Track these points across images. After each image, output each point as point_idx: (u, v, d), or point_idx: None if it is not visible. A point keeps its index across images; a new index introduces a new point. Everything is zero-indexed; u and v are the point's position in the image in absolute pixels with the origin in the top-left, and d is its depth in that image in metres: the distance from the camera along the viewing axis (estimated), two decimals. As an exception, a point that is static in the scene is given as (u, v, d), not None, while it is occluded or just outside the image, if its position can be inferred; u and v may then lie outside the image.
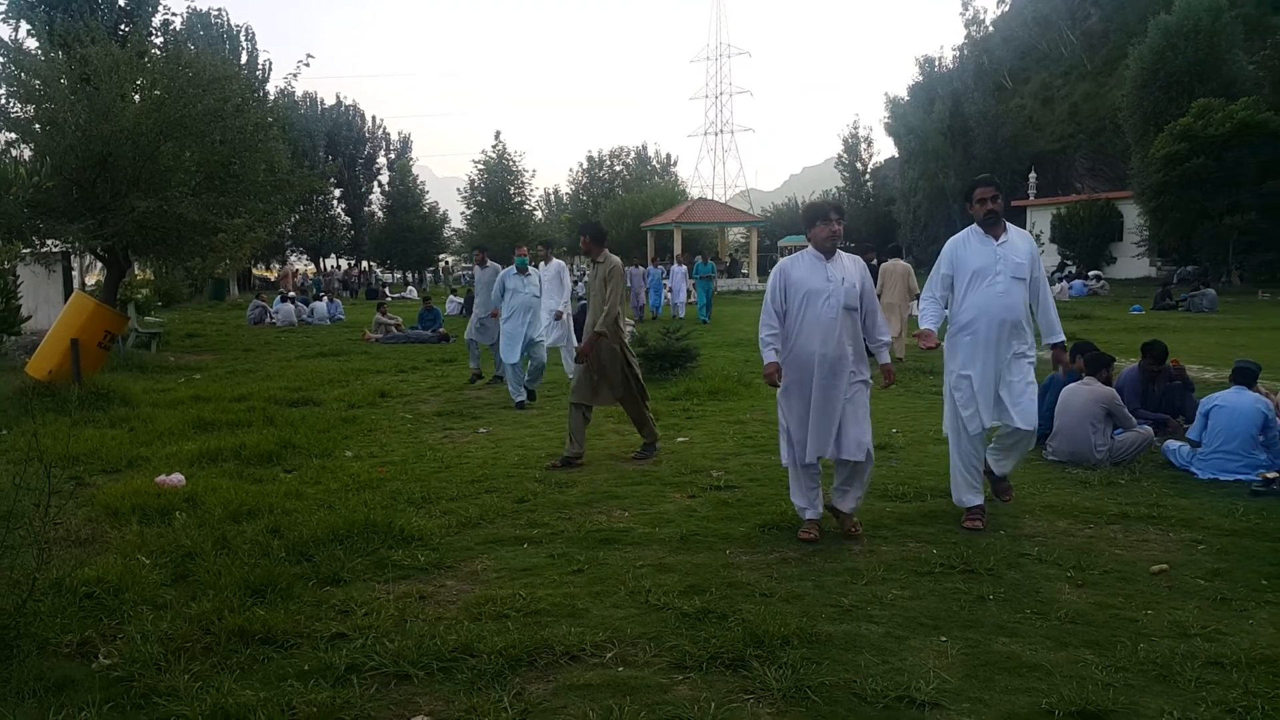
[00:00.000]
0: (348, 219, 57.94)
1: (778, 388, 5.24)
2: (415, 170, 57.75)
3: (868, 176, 64.81)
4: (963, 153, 50.22)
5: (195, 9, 38.61)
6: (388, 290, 42.05)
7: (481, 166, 50.71)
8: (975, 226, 5.51)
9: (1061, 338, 5.55)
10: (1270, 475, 6.15)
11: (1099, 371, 7.20)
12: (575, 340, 10.90)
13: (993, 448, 5.64)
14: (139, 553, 4.86)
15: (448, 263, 63.28)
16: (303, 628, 3.90)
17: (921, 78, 58.61)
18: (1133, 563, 4.74)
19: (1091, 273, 36.16)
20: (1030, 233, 8.00)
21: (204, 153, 14.88)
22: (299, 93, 51.84)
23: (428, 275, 58.54)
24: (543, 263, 11.77)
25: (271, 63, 40.37)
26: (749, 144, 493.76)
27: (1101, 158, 46.33)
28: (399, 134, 62.99)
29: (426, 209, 55.88)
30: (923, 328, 5.47)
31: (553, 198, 69.24)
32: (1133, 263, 38.66)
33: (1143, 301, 26.18)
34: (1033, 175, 44.90)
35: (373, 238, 56.35)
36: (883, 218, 57.79)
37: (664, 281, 26.23)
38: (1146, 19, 37.29)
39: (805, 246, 5.43)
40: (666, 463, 7.24)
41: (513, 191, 50.28)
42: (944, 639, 3.80)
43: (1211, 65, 34.30)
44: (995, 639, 3.79)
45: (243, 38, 39.72)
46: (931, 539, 5.19)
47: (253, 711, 3.14)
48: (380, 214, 57.98)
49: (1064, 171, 49.49)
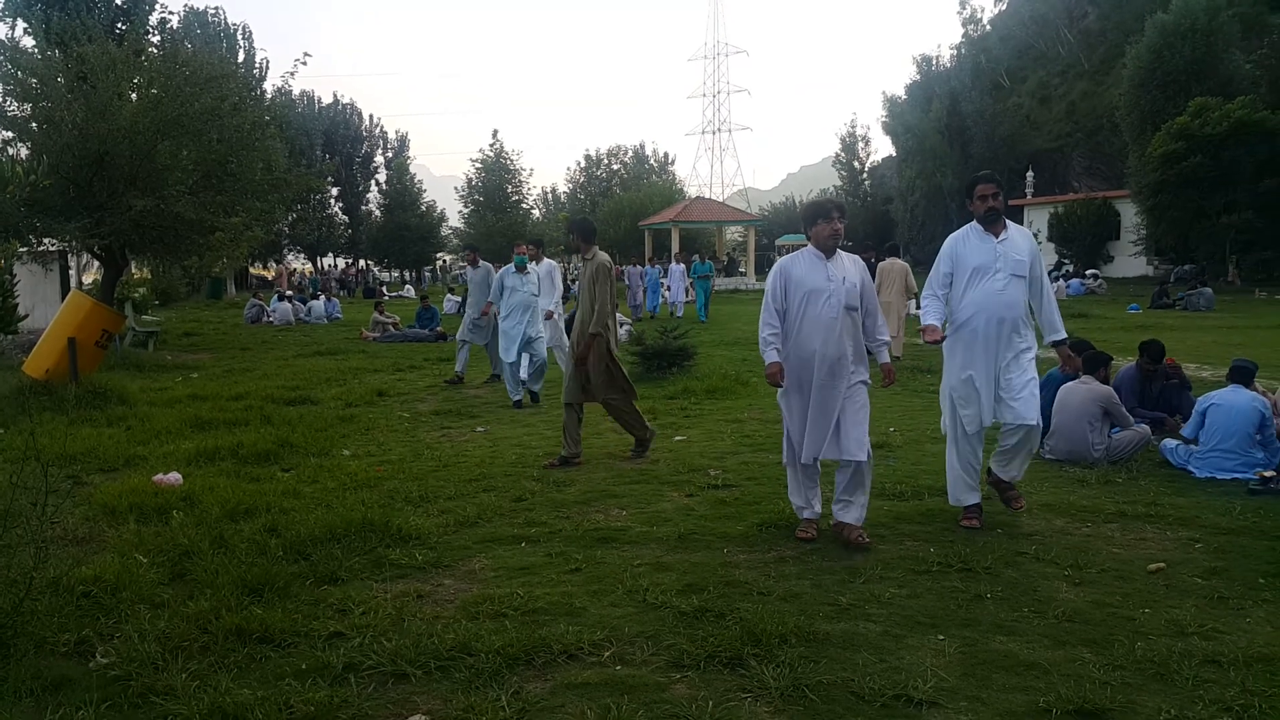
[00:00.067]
0: (345, 218, 57.96)
1: (780, 388, 5.18)
2: (412, 169, 57.81)
3: (865, 175, 64.78)
4: (960, 152, 50.19)
5: (192, 7, 38.77)
6: (385, 289, 42.03)
7: (479, 165, 50.71)
8: (975, 224, 5.44)
9: (1064, 335, 5.48)
10: (1267, 474, 6.16)
11: (1097, 370, 7.20)
12: (565, 339, 10.86)
13: (997, 453, 5.53)
14: (136, 552, 4.86)
15: (445, 262, 63.24)
16: (300, 627, 3.90)
17: (919, 77, 58.53)
18: (1130, 561, 4.74)
19: (1089, 271, 36.16)
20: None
21: (201, 151, 14.86)
22: (296, 91, 51.92)
23: (425, 274, 58.55)
24: (533, 262, 11.73)
25: (269, 61, 40.57)
26: (746, 143, 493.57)
27: (1099, 157, 46.34)
28: (396, 133, 63.17)
29: (424, 208, 55.90)
30: (926, 323, 5.39)
31: (550, 197, 69.21)
32: (1130, 261, 38.69)
33: (1140, 300, 26.19)
34: (1030, 174, 44.92)
35: (370, 237, 56.35)
36: (880, 217, 57.77)
37: (662, 280, 26.20)
38: (1144, 18, 37.30)
39: (803, 245, 5.38)
40: (664, 462, 7.24)
41: (510, 190, 50.28)
42: (941, 637, 3.80)
43: (1209, 64, 34.33)
44: (993, 637, 3.80)
45: (240, 36, 39.82)
46: (929, 538, 5.19)
47: (250, 710, 3.14)
48: (377, 213, 57.96)
49: (1061, 170, 49.49)
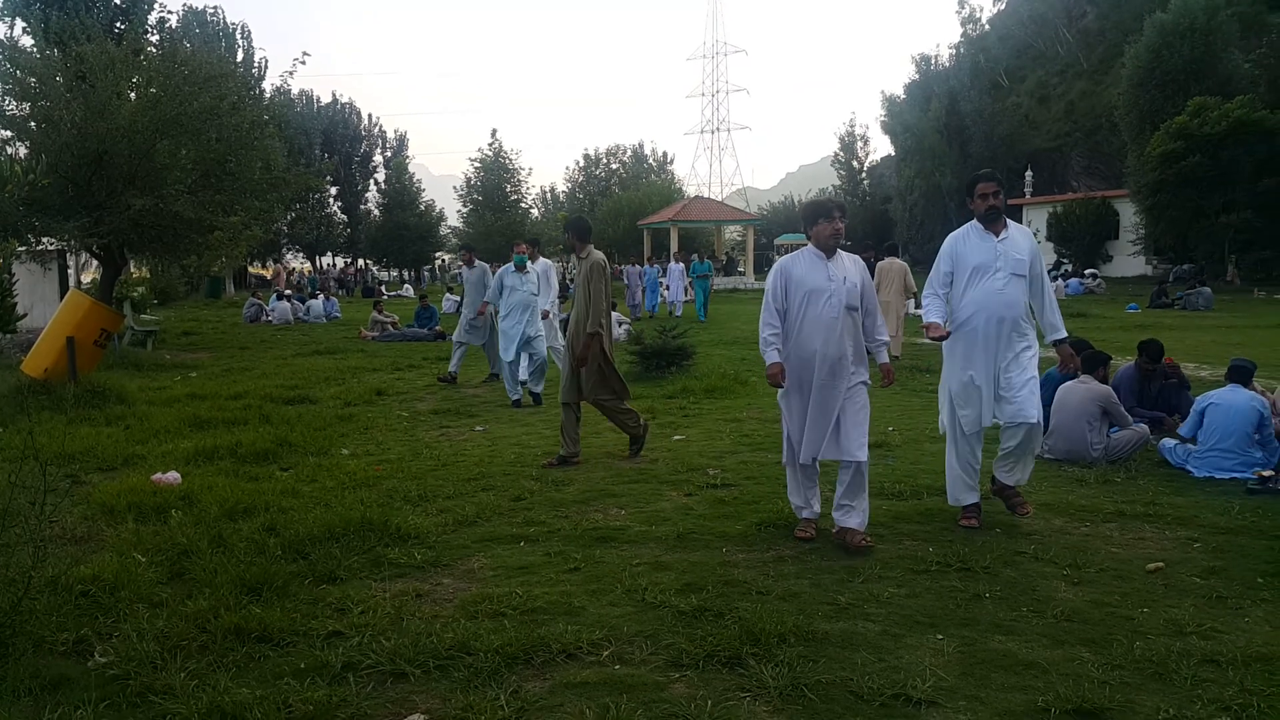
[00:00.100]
0: (344, 217, 57.94)
1: (781, 389, 5.14)
2: (411, 168, 57.77)
3: (864, 175, 64.79)
4: (959, 151, 50.23)
5: (191, 7, 38.80)
6: (384, 288, 42.02)
7: (478, 165, 50.71)
8: (975, 222, 5.41)
9: (1064, 334, 5.45)
10: (1266, 473, 6.17)
11: (1095, 370, 7.21)
12: (560, 338, 10.83)
13: (999, 458, 5.45)
14: (135, 551, 4.85)
15: (444, 261, 63.23)
16: (299, 626, 3.90)
17: (918, 76, 58.56)
18: (1129, 561, 4.75)
19: (1087, 271, 36.19)
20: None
21: (200, 150, 14.86)
22: (295, 90, 51.96)
23: (424, 273, 58.54)
24: (529, 263, 11.69)
25: (267, 60, 40.57)
26: (745, 142, 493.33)
27: (1098, 156, 46.36)
28: (395, 132, 63.10)
29: (423, 207, 55.88)
30: (929, 320, 5.36)
31: (549, 196, 69.20)
32: (1129, 261, 38.72)
33: (1139, 300, 26.21)
34: (1029, 174, 44.93)
35: (369, 236, 56.34)
36: (879, 216, 57.79)
37: (661, 280, 26.17)
38: (1142, 17, 37.33)
39: (802, 245, 5.36)
40: (663, 461, 7.24)
41: (509, 190, 50.28)
42: (940, 637, 3.80)
43: (1207, 64, 34.36)
44: (991, 637, 3.80)
45: (238, 35, 39.84)
46: (928, 537, 5.19)
47: (249, 709, 3.14)
48: (376, 212, 57.93)
49: (1060, 170, 49.51)
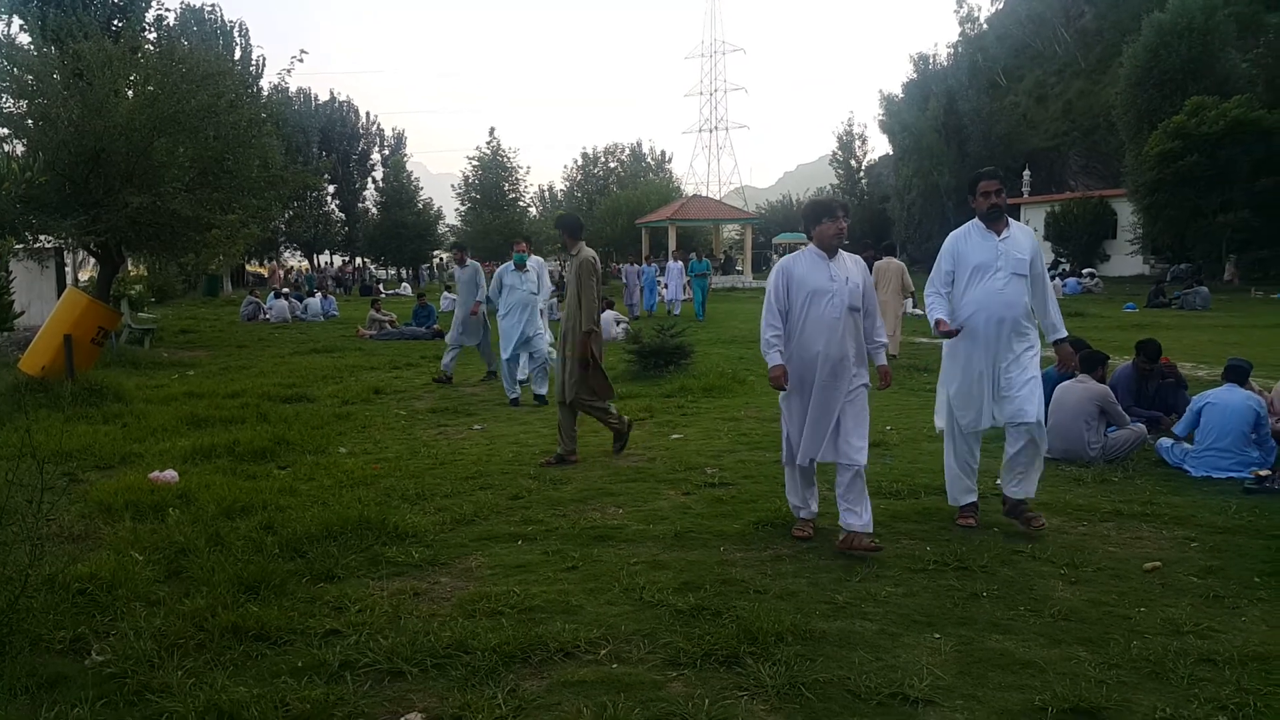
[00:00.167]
0: (342, 215, 57.86)
1: (784, 391, 5.09)
2: (409, 167, 57.65)
3: (862, 174, 64.79)
4: (957, 150, 50.23)
5: (189, 4, 38.74)
6: (382, 287, 41.97)
7: (476, 163, 50.67)
8: (977, 221, 5.37)
9: (1064, 334, 5.44)
10: (1263, 473, 6.18)
11: (1093, 369, 7.21)
12: (551, 336, 10.79)
13: (1005, 469, 5.35)
14: (132, 549, 4.85)
15: (442, 259, 63.17)
16: (296, 624, 3.90)
17: (916, 75, 58.56)
18: (1126, 560, 4.75)
19: (1085, 270, 36.20)
20: None
21: (197, 148, 14.85)
22: (293, 88, 51.92)
23: (422, 272, 58.50)
24: None
25: (265, 58, 40.48)
26: (743, 141, 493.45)
27: (1095, 155, 46.38)
28: (393, 130, 63.01)
29: (421, 205, 55.79)
30: (936, 317, 5.29)
31: (547, 194, 69.15)
32: (1126, 260, 38.73)
33: (1136, 299, 26.23)
34: (1027, 173, 44.93)
35: (367, 234, 56.28)
36: (877, 215, 57.80)
37: (659, 279, 26.15)
38: (1140, 17, 37.35)
39: (800, 243, 5.33)
40: (661, 460, 7.24)
41: (507, 188, 50.24)
42: (938, 636, 3.81)
43: (1205, 63, 34.38)
44: (989, 636, 3.80)
45: (236, 33, 39.73)
46: (925, 536, 5.20)
47: (246, 708, 3.13)
48: (374, 210, 57.87)
49: (1058, 169, 49.52)
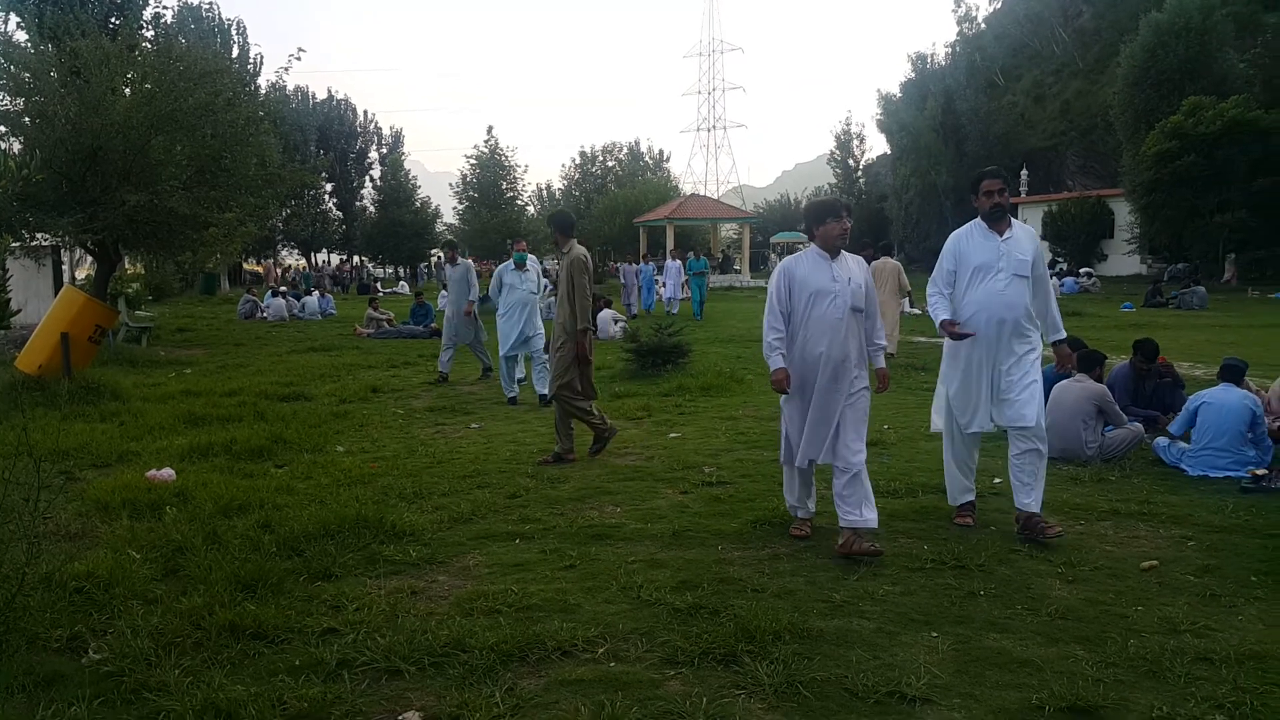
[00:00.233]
0: (339, 214, 57.77)
1: (786, 394, 5.04)
2: (407, 165, 57.52)
3: (860, 173, 64.81)
4: (955, 150, 50.26)
5: (186, 3, 38.62)
6: (379, 285, 41.92)
7: (474, 161, 50.58)
8: (979, 221, 5.31)
9: (1063, 335, 5.41)
10: (1259, 472, 6.19)
11: (1091, 369, 7.22)
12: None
13: (1012, 477, 5.18)
14: (129, 547, 4.84)
15: (440, 258, 63.06)
16: (294, 623, 3.90)
17: (914, 74, 58.59)
18: (1123, 559, 4.76)
19: (1083, 270, 36.25)
20: None
21: (195, 147, 14.84)
22: (290, 87, 51.85)
23: (420, 270, 58.43)
24: None
25: (263, 57, 40.31)
26: (741, 140, 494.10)
27: (1093, 155, 46.42)
28: (391, 129, 62.93)
29: (418, 204, 55.70)
30: (943, 318, 5.23)
31: (545, 193, 69.11)
32: (1124, 260, 38.77)
33: (1133, 299, 26.27)
34: (1024, 172, 44.94)
35: (364, 233, 56.18)
36: (875, 215, 57.82)
37: (657, 278, 26.15)
38: (1138, 17, 37.40)
39: (798, 242, 5.33)
40: (659, 459, 7.24)
41: (505, 187, 50.16)
42: (935, 635, 3.81)
43: (1202, 63, 34.42)
44: (986, 635, 3.80)
45: (234, 31, 39.68)
46: (923, 535, 5.20)
47: (243, 706, 3.13)
48: (372, 209, 57.76)
49: (1055, 169, 49.57)
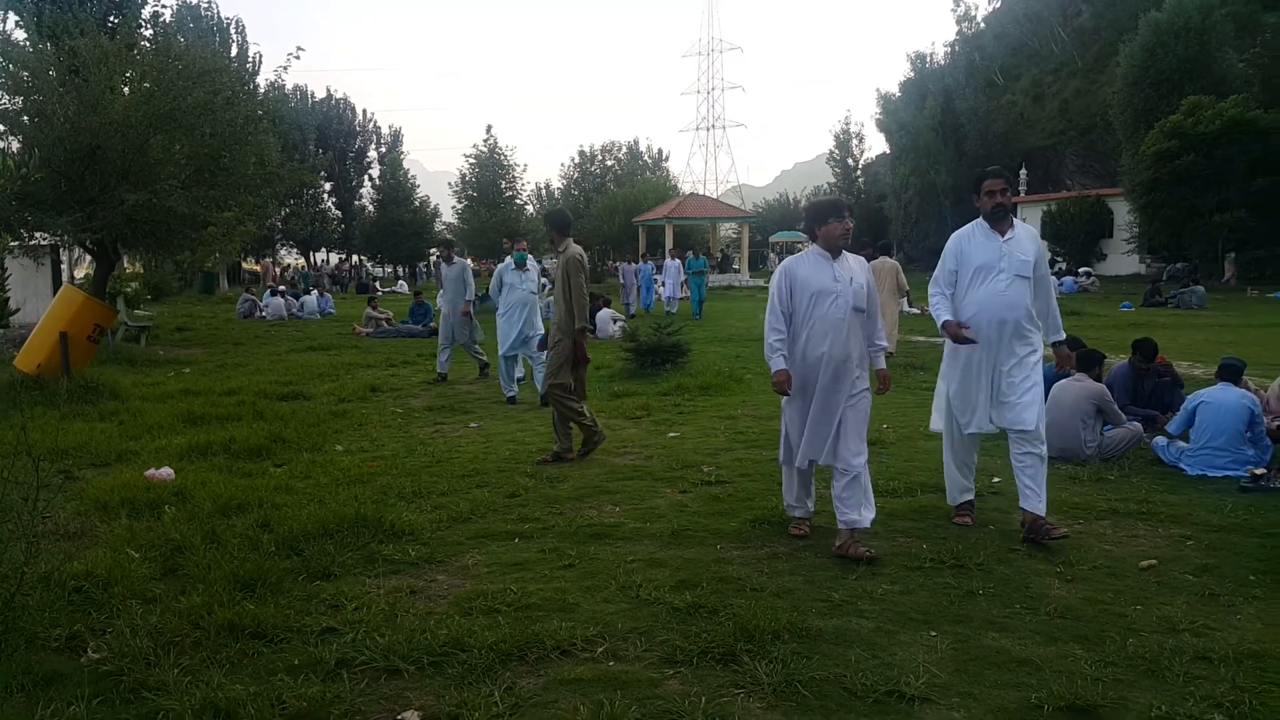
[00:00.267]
0: (338, 213, 57.75)
1: (787, 396, 5.01)
2: (406, 164, 57.47)
3: (859, 172, 64.79)
4: (954, 149, 50.25)
5: (185, 1, 38.55)
6: (378, 284, 41.89)
7: (472, 160, 50.55)
8: (981, 221, 5.28)
9: (1063, 336, 5.41)
10: (1258, 471, 6.19)
11: (1090, 368, 7.22)
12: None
13: (1016, 479, 5.12)
14: (128, 547, 4.84)
15: (438, 257, 62.89)
16: (292, 622, 3.90)
17: (913, 74, 58.56)
18: (1122, 558, 4.76)
19: (1082, 269, 36.26)
20: None
21: (194, 146, 14.83)
22: (289, 86, 51.81)
23: (419, 269, 58.41)
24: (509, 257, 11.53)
25: (261, 56, 40.21)
26: (740, 139, 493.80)
27: (1092, 155, 46.41)
28: (390, 128, 62.90)
29: (417, 203, 55.66)
30: (947, 319, 5.16)
31: (544, 192, 69.10)
32: (1123, 259, 38.79)
33: (1132, 298, 26.27)
34: (1023, 172, 44.98)
35: (363, 232, 56.13)
36: (874, 214, 57.81)
37: (656, 277, 26.15)
38: (1137, 16, 37.38)
39: (797, 242, 5.32)
40: (658, 458, 7.24)
41: (504, 186, 50.13)
42: (934, 634, 3.81)
43: (1202, 63, 34.41)
44: (985, 634, 3.81)
45: (233, 30, 39.62)
46: (922, 534, 5.20)
47: (242, 706, 3.13)
48: (371, 208, 57.72)
49: (1054, 168, 49.56)
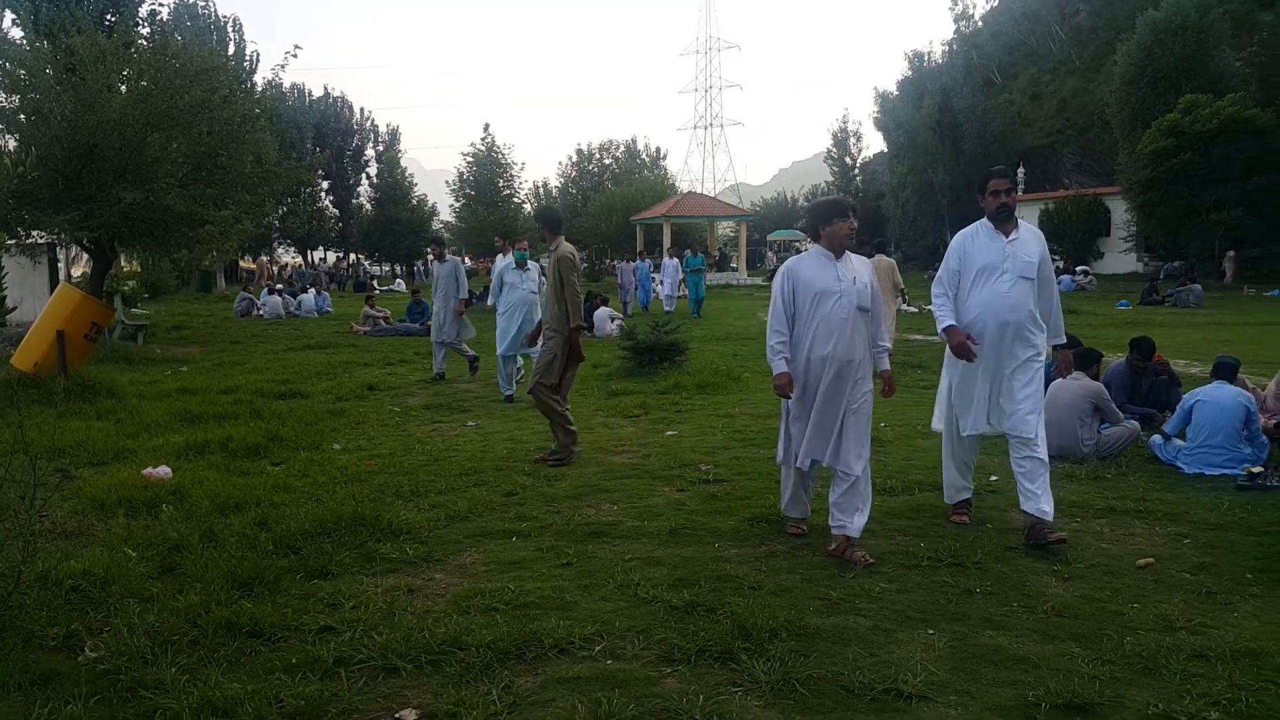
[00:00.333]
0: (335, 211, 57.67)
1: (789, 398, 4.99)
2: (403, 163, 57.42)
3: (857, 171, 64.75)
4: (951, 148, 50.25)
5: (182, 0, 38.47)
6: (376, 283, 41.84)
7: (470, 159, 50.52)
8: (985, 221, 5.24)
9: (1064, 340, 5.38)
10: (1255, 470, 6.20)
11: (1088, 367, 7.23)
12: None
13: (1017, 483, 5.07)
14: (125, 545, 4.84)
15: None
16: (290, 621, 3.89)
17: (911, 72, 58.52)
18: (1119, 556, 4.77)
19: (1079, 268, 36.25)
20: None
21: (191, 144, 14.80)
22: (286, 84, 51.69)
23: (416, 268, 58.36)
24: (500, 256, 11.39)
25: (259, 54, 40.14)
26: (738, 138, 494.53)
27: (1089, 153, 46.43)
28: (387, 126, 62.74)
29: (415, 202, 55.61)
30: (948, 325, 5.10)
31: (542, 191, 69.05)
32: (1120, 258, 38.79)
33: (1130, 297, 26.30)
34: (1021, 171, 44.99)
35: (361, 230, 56.08)
36: (872, 213, 57.72)
37: (653, 275, 26.14)
38: (1135, 15, 37.38)
39: (795, 240, 5.31)
40: (655, 457, 7.24)
41: (501, 184, 50.10)
42: (931, 632, 3.81)
43: (1199, 61, 34.42)
44: (982, 632, 3.81)
45: (230, 29, 39.54)
46: (919, 532, 5.21)
47: (240, 704, 3.13)
48: (368, 206, 57.66)
49: (1052, 167, 49.58)
